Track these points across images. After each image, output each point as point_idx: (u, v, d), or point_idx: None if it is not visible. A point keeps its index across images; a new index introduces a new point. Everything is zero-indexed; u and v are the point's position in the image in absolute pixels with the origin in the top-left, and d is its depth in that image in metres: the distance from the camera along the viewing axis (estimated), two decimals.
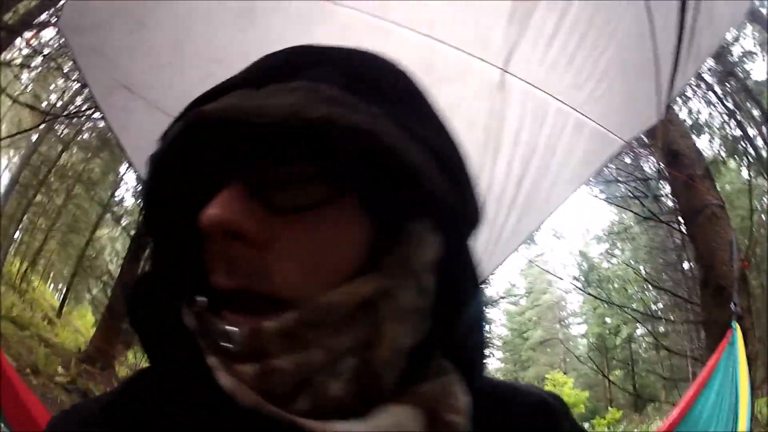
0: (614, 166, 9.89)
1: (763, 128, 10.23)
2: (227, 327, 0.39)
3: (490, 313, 18.80)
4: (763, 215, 11.71)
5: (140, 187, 0.45)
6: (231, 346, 0.39)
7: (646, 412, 16.01)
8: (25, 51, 10.89)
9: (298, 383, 0.38)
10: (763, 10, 8.26)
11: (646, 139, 6.25)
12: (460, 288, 0.46)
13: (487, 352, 0.52)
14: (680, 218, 6.64)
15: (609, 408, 17.11)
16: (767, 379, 6.09)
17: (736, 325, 3.02)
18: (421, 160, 0.41)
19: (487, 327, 0.52)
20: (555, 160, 2.20)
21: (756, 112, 10.24)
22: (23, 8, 9.17)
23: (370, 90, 0.44)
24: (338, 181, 0.41)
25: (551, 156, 2.19)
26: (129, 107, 2.35)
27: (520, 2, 1.98)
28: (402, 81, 0.48)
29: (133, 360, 12.56)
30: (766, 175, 10.42)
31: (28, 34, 9.40)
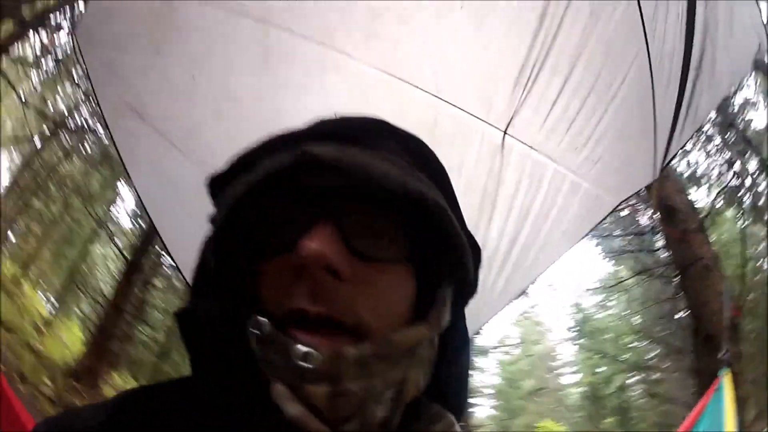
0: (610, 220, 9.93)
1: (762, 176, 10.19)
2: (307, 348, 0.44)
3: (482, 362, 18.99)
4: (758, 262, 11.64)
5: (221, 210, 0.51)
6: (308, 365, 0.44)
7: None
8: (38, 51, 10.91)
9: (359, 407, 0.45)
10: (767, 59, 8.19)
11: (642, 193, 6.31)
12: (456, 346, 0.57)
13: (472, 400, 0.63)
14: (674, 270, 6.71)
15: None
16: (759, 417, 6.15)
17: (724, 372, 3.11)
18: (466, 244, 0.52)
19: (471, 379, 0.66)
20: (548, 223, 2.23)
21: (754, 162, 10.21)
22: (41, 5, 9.20)
23: (426, 170, 0.55)
24: (411, 245, 0.51)
25: (545, 219, 2.22)
26: (137, 133, 2.34)
27: (527, 67, 2.02)
28: (441, 166, 0.59)
29: (120, 382, 12.36)
30: (765, 223, 10.37)
31: (46, 37, 9.41)
